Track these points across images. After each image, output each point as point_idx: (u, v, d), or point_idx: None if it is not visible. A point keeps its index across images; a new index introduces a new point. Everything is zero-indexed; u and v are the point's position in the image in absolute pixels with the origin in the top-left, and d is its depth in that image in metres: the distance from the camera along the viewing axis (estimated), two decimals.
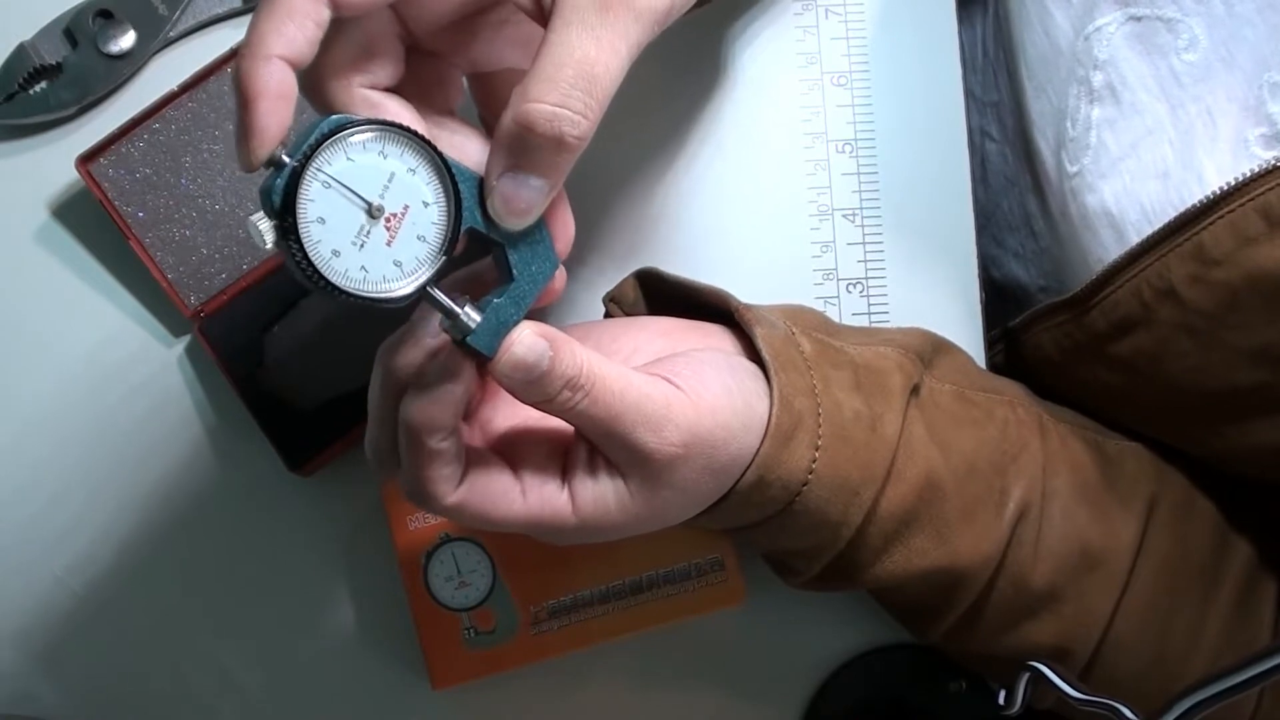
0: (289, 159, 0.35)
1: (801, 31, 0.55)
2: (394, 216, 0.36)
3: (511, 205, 0.37)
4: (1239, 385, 0.46)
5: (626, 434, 0.38)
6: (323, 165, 0.35)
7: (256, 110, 0.34)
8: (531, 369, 0.37)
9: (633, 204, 0.54)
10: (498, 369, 0.37)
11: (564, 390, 0.37)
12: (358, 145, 0.36)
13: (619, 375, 0.38)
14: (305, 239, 0.35)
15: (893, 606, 0.51)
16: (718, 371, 0.41)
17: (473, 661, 0.51)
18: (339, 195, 0.35)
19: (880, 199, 0.55)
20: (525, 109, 0.36)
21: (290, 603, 0.54)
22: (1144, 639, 0.48)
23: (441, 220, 0.37)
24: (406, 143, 0.36)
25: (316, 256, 0.35)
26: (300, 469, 0.52)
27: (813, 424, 0.41)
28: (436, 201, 0.37)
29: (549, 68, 0.36)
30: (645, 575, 0.51)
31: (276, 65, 0.34)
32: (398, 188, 0.36)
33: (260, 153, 0.34)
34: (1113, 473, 0.49)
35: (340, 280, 0.35)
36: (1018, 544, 0.46)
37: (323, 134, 0.35)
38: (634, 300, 0.48)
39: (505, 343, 0.37)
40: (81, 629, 0.53)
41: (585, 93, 0.36)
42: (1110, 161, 0.50)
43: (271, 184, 0.35)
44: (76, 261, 0.54)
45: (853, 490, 0.42)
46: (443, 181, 0.37)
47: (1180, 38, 0.48)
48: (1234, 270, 0.45)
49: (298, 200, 0.35)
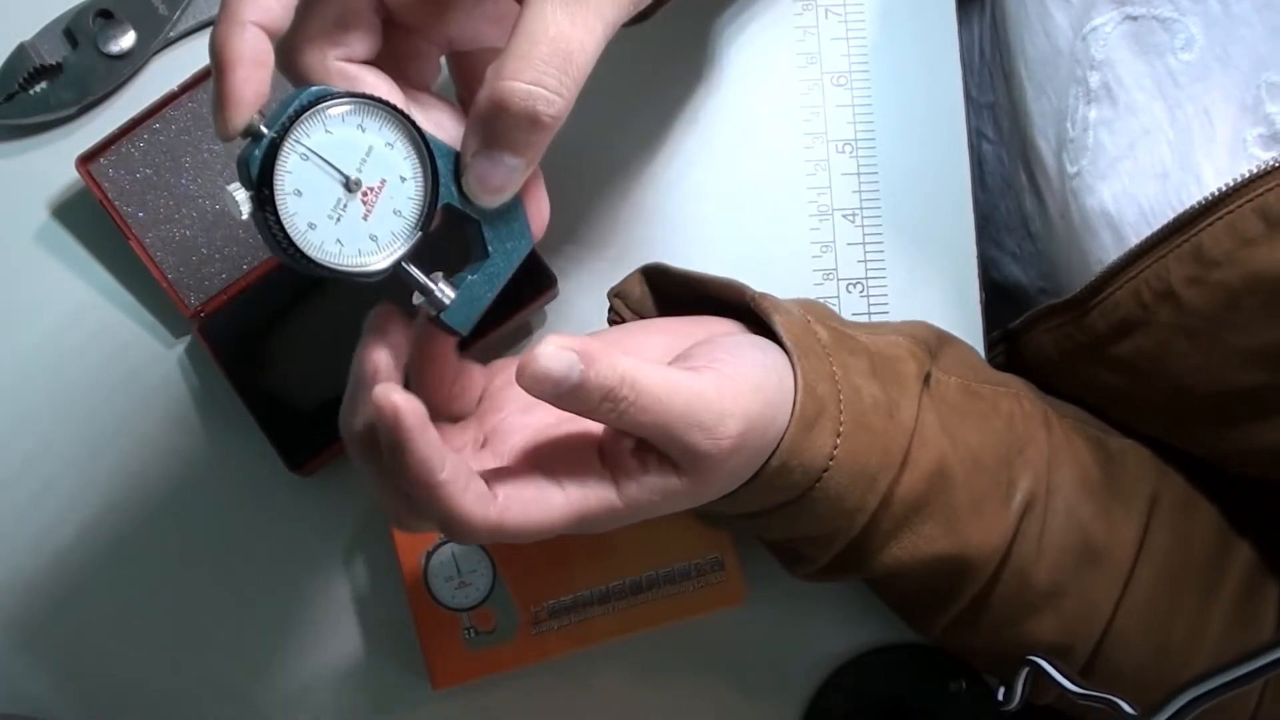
0: (267, 130, 0.35)
1: (801, 31, 0.55)
2: (371, 190, 0.36)
3: (486, 183, 0.37)
4: (1239, 386, 0.46)
5: (681, 437, 0.37)
6: (301, 137, 0.35)
7: (233, 77, 0.34)
8: (560, 383, 0.35)
9: (633, 204, 0.54)
10: (523, 381, 0.35)
11: (604, 402, 0.36)
12: (336, 118, 0.35)
13: (663, 379, 0.37)
14: (282, 211, 0.35)
15: (896, 598, 0.51)
16: (751, 350, 0.40)
17: (473, 661, 0.51)
18: (316, 168, 0.35)
19: (880, 199, 0.55)
20: (499, 86, 0.35)
21: (290, 602, 0.53)
22: (1145, 635, 0.48)
23: (418, 195, 0.37)
24: (385, 117, 0.36)
25: (292, 229, 0.35)
26: (300, 469, 0.52)
27: (835, 411, 0.41)
28: (413, 177, 0.37)
29: (523, 45, 0.35)
30: (645, 575, 0.51)
31: (252, 32, 0.34)
32: (375, 162, 0.36)
33: (236, 120, 0.34)
34: (1115, 469, 0.49)
35: (315, 253, 0.35)
36: (1023, 537, 0.46)
37: (301, 105, 0.35)
38: (640, 296, 0.47)
39: (525, 357, 0.35)
40: (81, 629, 0.53)
41: (560, 70, 0.35)
42: (1108, 162, 0.50)
43: (249, 154, 0.35)
44: (76, 261, 0.54)
45: (870, 477, 0.42)
46: (420, 157, 0.37)
47: (1177, 37, 0.48)
48: (1233, 271, 0.45)
49: (275, 171, 0.34)
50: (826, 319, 0.45)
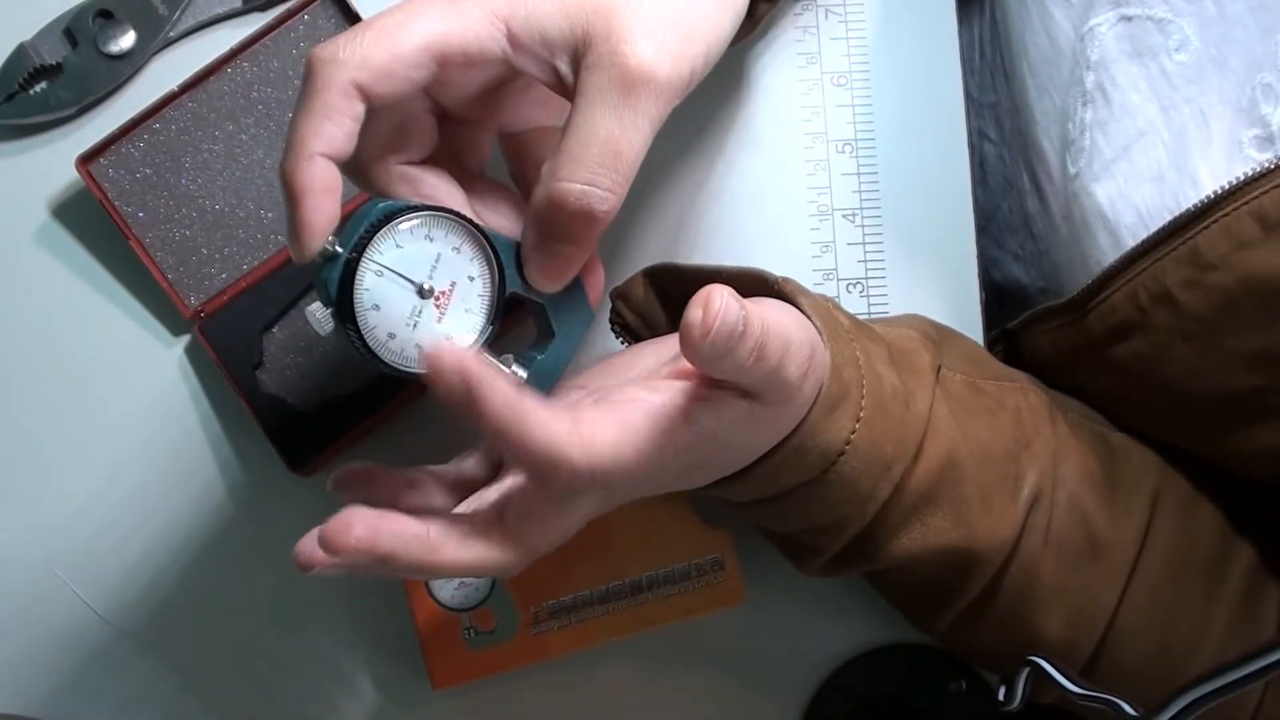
0: (341, 249, 0.37)
1: (801, 31, 0.56)
2: (443, 294, 0.39)
3: (547, 273, 0.40)
4: (1236, 389, 0.47)
5: (780, 370, 0.37)
6: (375, 255, 0.37)
7: (305, 207, 0.36)
8: (732, 332, 0.34)
9: (632, 205, 0.54)
10: (706, 342, 0.34)
11: (750, 356, 0.35)
12: (405, 232, 0.38)
13: (764, 316, 0.36)
14: (363, 325, 0.37)
15: (902, 594, 0.51)
16: (770, 303, 0.41)
17: (473, 661, 0.51)
18: (391, 281, 0.38)
19: (880, 199, 0.55)
20: (555, 188, 0.38)
21: (290, 603, 0.53)
22: (1149, 631, 0.48)
23: (486, 292, 0.39)
24: (449, 224, 0.39)
25: (374, 341, 0.37)
26: (300, 469, 0.52)
27: (857, 395, 0.41)
28: (480, 275, 0.39)
29: (576, 148, 0.38)
30: (645, 575, 0.51)
31: (320, 163, 0.36)
32: (444, 267, 0.39)
33: (312, 246, 0.36)
34: (1118, 465, 0.49)
35: (396, 360, 0.38)
36: (1030, 531, 0.46)
37: (372, 224, 0.37)
38: (643, 297, 0.47)
39: (709, 314, 0.34)
40: (80, 628, 0.53)
41: (611, 169, 0.38)
42: (1103, 164, 0.50)
43: (328, 275, 0.37)
44: (76, 261, 0.54)
45: (885, 464, 0.42)
46: (485, 256, 0.39)
47: (1171, 38, 0.48)
48: (1229, 274, 0.45)
49: (354, 290, 0.37)
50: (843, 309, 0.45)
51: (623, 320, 0.47)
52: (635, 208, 0.55)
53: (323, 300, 0.37)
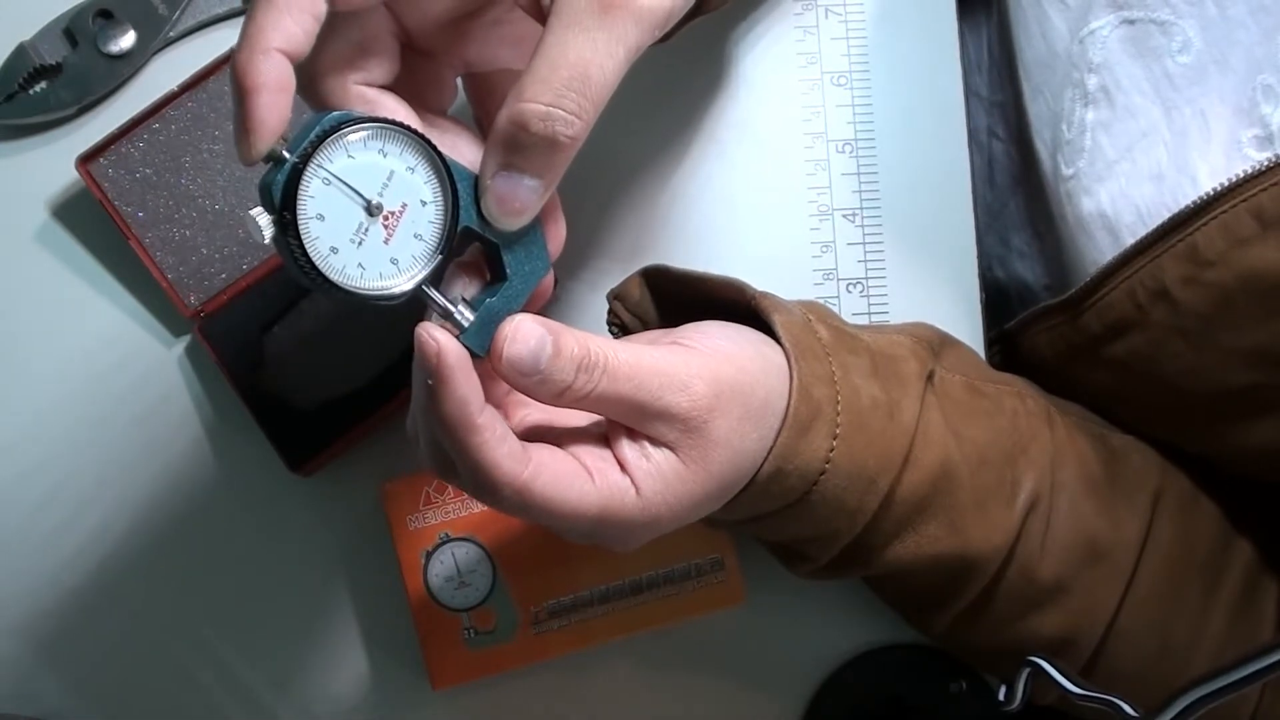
0: (289, 155, 0.35)
1: (801, 31, 0.56)
2: (392, 214, 0.36)
3: (506, 205, 0.37)
4: (1233, 386, 0.47)
5: (655, 401, 0.37)
6: (323, 162, 0.35)
7: (256, 103, 0.34)
8: (536, 356, 0.36)
9: (633, 204, 0.55)
10: (502, 364, 0.36)
11: (579, 375, 0.37)
12: (358, 143, 0.36)
13: (627, 348, 0.38)
14: (304, 235, 0.35)
15: (899, 596, 0.51)
16: (719, 328, 0.41)
17: (473, 661, 0.51)
18: (339, 192, 0.35)
19: (880, 199, 0.55)
20: (519, 108, 0.36)
21: (290, 603, 0.53)
22: (1148, 632, 0.48)
23: (439, 219, 0.37)
24: (406, 141, 0.36)
25: (315, 253, 0.35)
26: (300, 469, 0.52)
27: (831, 413, 0.41)
28: (434, 200, 0.37)
29: (544, 68, 0.36)
30: (645, 575, 0.51)
31: (275, 58, 0.34)
32: (396, 186, 0.36)
33: (260, 146, 0.34)
34: (1117, 466, 0.49)
35: (337, 277, 0.36)
36: (1027, 535, 0.46)
37: (323, 130, 0.35)
38: (639, 298, 0.47)
39: (498, 337, 0.36)
40: (81, 628, 0.53)
41: (579, 94, 0.36)
42: (1105, 164, 0.50)
43: (272, 179, 0.35)
44: (76, 261, 0.54)
45: (869, 479, 0.42)
46: (441, 180, 0.37)
47: (1174, 40, 0.48)
48: (1227, 271, 0.45)
49: (298, 197, 0.35)
50: (828, 319, 0.45)
51: (619, 321, 0.47)
52: (635, 207, 0.55)
53: (264, 205, 0.35)
